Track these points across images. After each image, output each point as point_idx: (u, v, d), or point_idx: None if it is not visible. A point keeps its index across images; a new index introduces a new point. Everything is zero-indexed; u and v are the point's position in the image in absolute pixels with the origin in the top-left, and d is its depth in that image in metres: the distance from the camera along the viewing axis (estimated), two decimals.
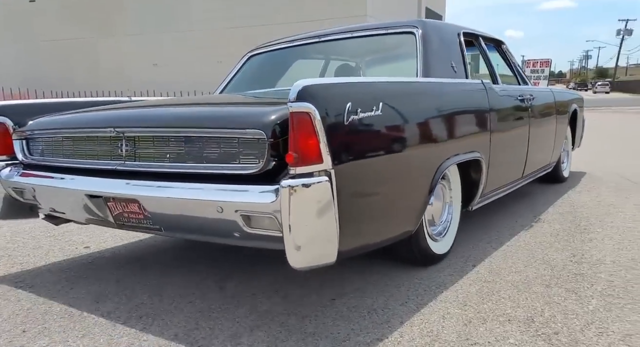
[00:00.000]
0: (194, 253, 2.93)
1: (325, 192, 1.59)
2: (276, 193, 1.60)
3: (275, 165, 1.70)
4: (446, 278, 2.37)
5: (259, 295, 2.24)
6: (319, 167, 1.59)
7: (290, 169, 1.60)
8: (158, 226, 2.04)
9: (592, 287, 2.21)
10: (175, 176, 1.92)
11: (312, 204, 1.59)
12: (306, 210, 1.59)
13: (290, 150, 1.59)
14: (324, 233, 1.66)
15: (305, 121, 1.57)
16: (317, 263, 1.71)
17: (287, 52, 3.49)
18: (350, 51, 3.48)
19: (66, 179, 2.23)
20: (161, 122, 2.08)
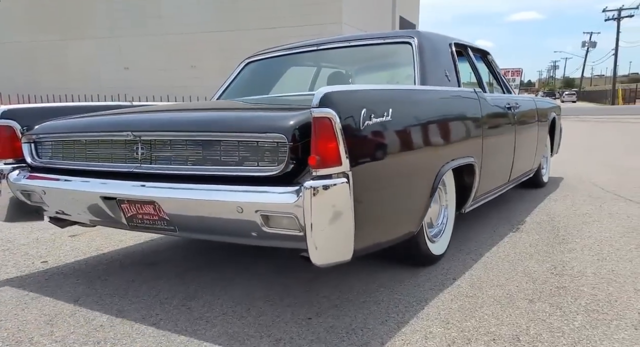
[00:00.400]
0: (159, 269, 2.76)
1: (344, 193, 1.70)
2: (297, 194, 1.69)
3: (293, 168, 1.79)
4: (427, 293, 2.27)
5: (229, 314, 2.09)
6: (338, 169, 1.69)
7: (312, 171, 1.69)
8: (173, 227, 2.08)
9: (576, 302, 2.14)
10: (192, 178, 1.99)
11: (332, 204, 1.68)
12: (327, 210, 1.68)
13: (313, 153, 1.68)
14: (342, 232, 1.75)
15: (327, 126, 1.67)
16: (336, 260, 1.81)
17: (285, 60, 3.53)
18: (347, 60, 3.53)
19: (78, 181, 2.27)
20: (181, 127, 2.10)
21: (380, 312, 2.08)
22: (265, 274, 2.59)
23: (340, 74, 3.54)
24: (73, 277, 2.63)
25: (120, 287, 2.45)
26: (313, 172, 1.69)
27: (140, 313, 2.13)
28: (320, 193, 1.65)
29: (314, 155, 1.68)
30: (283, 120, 1.84)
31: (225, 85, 3.64)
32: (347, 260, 1.81)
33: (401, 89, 2.44)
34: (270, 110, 2.32)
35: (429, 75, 2.76)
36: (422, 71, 2.76)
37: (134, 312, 2.13)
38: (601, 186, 5.07)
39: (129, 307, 2.19)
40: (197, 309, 2.16)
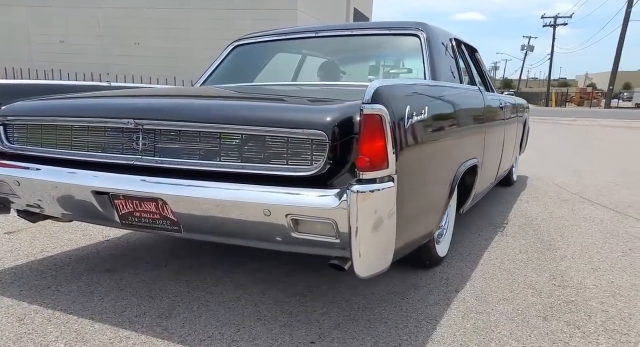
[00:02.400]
0: (122, 277, 2.39)
1: (391, 197, 1.57)
2: (339, 198, 1.52)
3: (330, 169, 1.61)
4: (433, 309, 2.07)
5: (216, 338, 1.79)
6: (385, 172, 1.54)
7: (358, 173, 1.53)
8: (177, 227, 1.86)
9: (590, 320, 2.01)
10: (205, 175, 1.77)
11: (378, 209, 1.54)
12: (373, 215, 1.53)
13: (361, 154, 1.52)
14: (386, 238, 1.62)
15: (377, 124, 1.52)
16: (379, 270, 1.66)
17: (278, 46, 3.25)
18: (348, 49, 3.23)
19: (64, 172, 1.98)
20: (198, 116, 1.82)
21: (390, 333, 1.86)
22: (248, 285, 2.29)
23: (338, 64, 3.29)
24: (14, 288, 2.21)
25: (76, 301, 2.07)
26: (361, 174, 1.52)
27: (106, 336, 1.78)
28: (368, 198, 1.50)
29: (363, 157, 1.52)
30: (322, 116, 1.61)
31: (211, 69, 3.29)
32: (386, 269, 1.68)
33: (436, 85, 2.34)
34: (305, 103, 2.02)
35: (438, 71, 2.62)
36: (431, 66, 2.61)
37: (98, 335, 1.78)
38: (564, 187, 5.12)
39: (90, 328, 1.83)
40: (175, 331, 1.84)
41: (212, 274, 2.42)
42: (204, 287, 2.26)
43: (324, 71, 3.13)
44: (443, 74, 2.65)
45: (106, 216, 1.99)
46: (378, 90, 1.53)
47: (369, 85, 1.54)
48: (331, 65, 3.22)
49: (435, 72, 2.61)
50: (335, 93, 2.33)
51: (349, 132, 1.61)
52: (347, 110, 1.64)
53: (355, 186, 1.49)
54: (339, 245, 1.61)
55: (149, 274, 2.40)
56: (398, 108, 1.64)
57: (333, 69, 3.18)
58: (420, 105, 1.85)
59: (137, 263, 2.57)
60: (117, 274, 2.40)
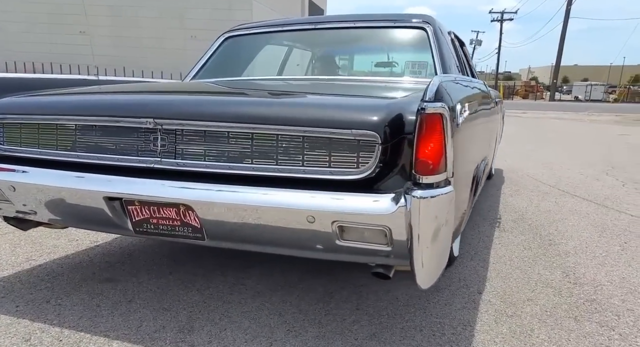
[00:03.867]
0: (126, 287, 2.17)
1: (451, 203, 1.46)
2: (396, 203, 1.40)
3: (380, 172, 1.48)
4: (463, 313, 1.98)
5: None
6: (443, 176, 1.43)
7: (419, 177, 1.40)
8: (200, 235, 1.68)
9: (620, 320, 1.98)
10: (233, 178, 1.61)
11: (440, 216, 1.42)
12: (436, 223, 1.41)
13: (422, 156, 1.40)
14: (444, 245, 1.51)
15: (439, 124, 1.40)
16: (436, 279, 1.55)
17: (273, 38, 3.04)
18: (349, 42, 3.02)
19: (69, 176, 1.77)
20: (229, 116, 1.62)
21: (429, 342, 1.75)
22: (265, 292, 2.13)
23: (343, 59, 3.14)
24: (8, 303, 1.96)
25: (83, 317, 1.86)
26: (421, 178, 1.40)
27: None
28: (431, 204, 1.38)
29: (425, 160, 1.39)
30: (374, 115, 1.47)
31: (202, 62, 3.05)
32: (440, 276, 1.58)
33: (473, 82, 2.35)
34: (352, 101, 1.84)
35: (447, 65, 2.51)
36: (441, 60, 2.51)
37: None
38: (540, 180, 5.19)
39: None
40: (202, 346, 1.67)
41: (224, 281, 2.25)
42: (219, 295, 2.09)
43: (329, 65, 2.98)
44: (451, 68, 2.56)
45: (117, 223, 1.78)
46: (440, 87, 1.41)
47: (431, 82, 1.41)
48: (335, 60, 3.07)
49: (445, 66, 2.51)
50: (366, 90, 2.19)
51: (403, 132, 1.47)
52: (400, 108, 1.50)
53: (417, 191, 1.36)
54: (391, 253, 1.48)
55: (155, 283, 2.20)
56: (454, 107, 1.54)
57: (339, 63, 3.03)
58: (463, 102, 1.76)
59: (138, 271, 2.35)
60: (120, 284, 2.18)
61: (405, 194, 1.39)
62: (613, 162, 6.72)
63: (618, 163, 6.60)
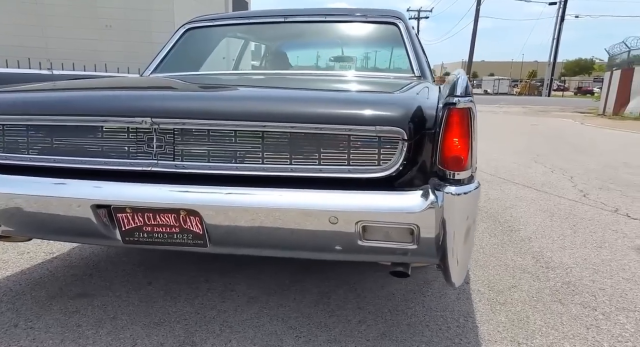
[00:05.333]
0: (104, 303, 1.96)
1: (478, 198, 1.40)
2: (426, 201, 1.34)
3: (405, 169, 1.43)
4: (460, 304, 2.00)
5: None
6: (470, 172, 1.39)
7: (450, 173, 1.37)
8: (202, 241, 1.53)
9: (597, 299, 2.10)
10: (241, 180, 1.49)
11: (471, 212, 1.38)
12: (468, 220, 1.37)
13: (454, 152, 1.37)
14: (471, 241, 1.46)
15: (468, 120, 1.37)
16: (465, 276, 1.54)
17: (239, 30, 2.91)
18: (319, 36, 2.87)
19: (46, 183, 1.54)
20: (236, 114, 1.49)
21: (439, 337, 1.74)
22: (259, 296, 2.02)
23: (312, 53, 3.02)
24: None
25: (66, 339, 1.65)
26: (452, 175, 1.37)
27: None
28: (465, 199, 1.34)
29: (457, 155, 1.36)
30: (399, 110, 1.42)
31: (162, 55, 2.80)
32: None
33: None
34: (374, 96, 1.75)
35: (421, 61, 2.51)
36: (416, 56, 2.51)
37: None
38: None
39: None
40: None
41: (211, 288, 2.10)
42: (211, 304, 1.94)
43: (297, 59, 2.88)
44: (424, 64, 2.56)
45: (102, 233, 1.58)
46: (467, 82, 1.38)
47: (459, 76, 1.39)
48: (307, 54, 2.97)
49: (419, 61, 2.51)
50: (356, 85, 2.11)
51: (428, 128, 1.42)
52: (425, 103, 1.46)
53: (451, 187, 1.33)
54: (415, 251, 1.44)
55: (135, 296, 2.00)
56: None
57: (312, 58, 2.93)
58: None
59: (112, 284, 2.13)
60: (97, 300, 1.96)
61: (436, 191, 1.35)
62: (536, 150, 7.21)
63: (541, 152, 7.09)
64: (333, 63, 2.91)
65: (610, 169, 5.77)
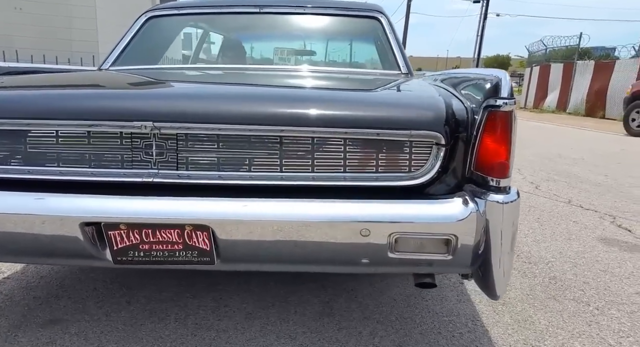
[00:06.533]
0: (82, 328, 1.72)
1: (519, 206, 1.31)
2: (466, 209, 1.26)
3: (442, 176, 1.36)
4: (463, 307, 1.96)
5: None
6: (510, 179, 1.32)
7: (494, 181, 1.29)
8: (209, 258, 1.35)
9: (586, 294, 2.14)
10: (255, 190, 1.34)
11: (515, 221, 1.30)
12: (513, 228, 1.30)
13: (499, 158, 1.28)
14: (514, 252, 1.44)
15: (510, 123, 1.28)
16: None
17: (209, 20, 2.69)
18: (300, 29, 2.70)
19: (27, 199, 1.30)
20: (257, 118, 1.32)
21: (454, 344, 1.68)
22: (257, 312, 1.86)
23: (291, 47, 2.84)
24: None
25: None
26: (496, 182, 1.29)
27: None
28: (510, 208, 1.27)
29: (503, 161, 1.28)
30: (435, 113, 1.32)
31: (122, 46, 2.50)
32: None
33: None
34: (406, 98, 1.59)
35: (405, 58, 2.43)
36: (400, 51, 2.43)
37: None
38: None
39: None
40: None
41: (200, 304, 1.91)
42: (206, 324, 1.76)
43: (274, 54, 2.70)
44: (407, 59, 2.49)
45: (89, 254, 1.36)
46: (510, 82, 1.30)
47: (500, 78, 1.30)
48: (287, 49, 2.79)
49: (404, 56, 2.44)
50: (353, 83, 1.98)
51: (464, 132, 1.34)
52: (458, 105, 1.38)
53: (496, 196, 1.26)
54: (450, 262, 1.35)
55: (117, 319, 1.77)
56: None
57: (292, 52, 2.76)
58: None
59: (85, 306, 1.87)
60: (72, 326, 1.71)
61: (476, 198, 1.27)
62: None
63: None
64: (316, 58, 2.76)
65: (548, 160, 6.09)
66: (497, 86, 1.28)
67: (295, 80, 1.95)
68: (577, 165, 5.78)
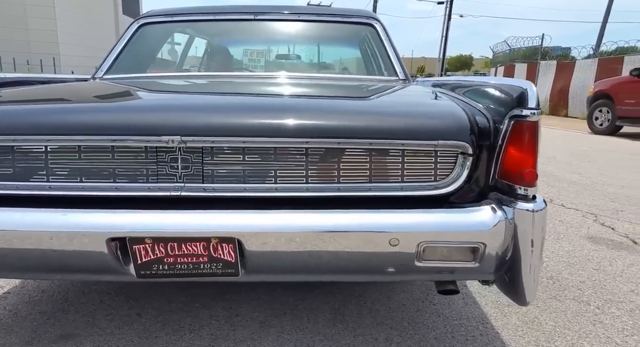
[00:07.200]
0: (98, 343, 1.66)
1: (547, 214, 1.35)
2: (495, 217, 1.28)
3: (469, 185, 1.36)
4: (471, 310, 1.98)
5: None
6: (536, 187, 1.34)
7: (522, 189, 1.32)
8: (233, 270, 1.33)
9: (585, 293, 2.20)
10: (281, 202, 1.32)
11: (544, 228, 1.33)
12: (542, 236, 1.32)
13: (528, 166, 1.31)
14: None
15: (537, 132, 1.32)
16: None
17: (203, 28, 2.64)
18: (295, 36, 2.66)
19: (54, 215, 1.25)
20: (283, 130, 1.30)
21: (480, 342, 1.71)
22: (270, 320, 1.83)
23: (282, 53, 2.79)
24: None
25: None
26: (525, 190, 1.32)
27: None
28: (541, 215, 1.30)
29: (531, 170, 1.31)
30: (461, 122, 1.33)
31: (115, 54, 2.42)
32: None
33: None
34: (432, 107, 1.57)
35: (402, 64, 2.46)
36: (397, 59, 2.43)
37: None
38: None
39: None
40: None
41: (212, 314, 1.87)
42: (222, 334, 1.72)
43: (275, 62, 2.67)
44: (404, 66, 2.52)
45: (112, 268, 1.33)
46: (537, 92, 1.32)
47: (527, 88, 1.32)
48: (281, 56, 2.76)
49: (400, 62, 2.46)
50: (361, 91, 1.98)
51: (489, 141, 1.36)
52: (481, 114, 1.39)
53: (525, 204, 1.29)
54: (476, 269, 1.36)
55: (130, 331, 1.72)
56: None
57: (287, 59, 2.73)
58: None
59: (94, 318, 1.81)
60: (86, 340, 1.65)
61: (504, 207, 1.30)
62: None
63: None
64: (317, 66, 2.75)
65: None
66: (525, 96, 1.30)
67: (305, 89, 1.93)
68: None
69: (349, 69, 2.82)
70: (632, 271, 2.47)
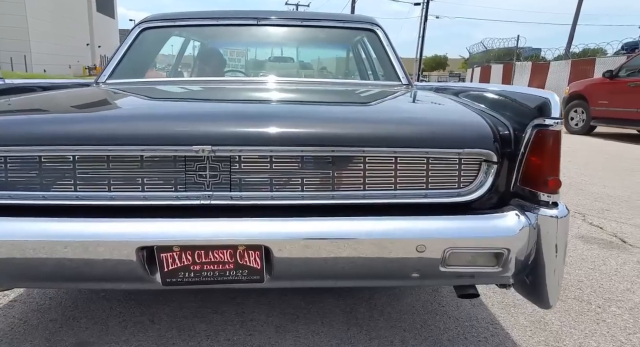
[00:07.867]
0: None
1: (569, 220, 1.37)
2: (520, 223, 1.30)
3: (493, 192, 1.38)
4: (480, 311, 2.01)
5: None
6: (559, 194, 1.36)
7: (546, 196, 1.33)
8: (259, 277, 1.33)
9: (585, 292, 2.25)
10: (306, 209, 1.32)
11: (567, 232, 1.36)
12: (565, 241, 1.35)
13: (552, 174, 1.33)
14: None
15: (560, 141, 1.34)
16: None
17: (206, 33, 2.62)
18: (297, 40, 2.65)
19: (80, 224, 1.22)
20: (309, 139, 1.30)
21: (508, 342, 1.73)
22: (286, 325, 1.82)
23: (287, 58, 2.77)
24: None
25: None
26: (549, 197, 1.33)
27: None
28: (564, 222, 1.32)
29: (555, 177, 1.33)
30: (485, 130, 1.36)
31: (118, 58, 2.37)
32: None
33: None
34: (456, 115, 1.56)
35: (404, 69, 2.47)
36: (399, 63, 2.46)
37: None
38: None
39: None
40: None
41: (225, 319, 1.85)
42: (239, 339, 1.71)
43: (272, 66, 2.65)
44: (405, 71, 2.53)
45: (138, 276, 1.30)
46: (559, 102, 1.34)
47: (549, 97, 1.34)
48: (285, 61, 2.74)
49: (402, 68, 2.48)
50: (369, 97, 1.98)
51: (512, 148, 1.38)
52: (503, 123, 1.41)
53: (549, 210, 1.32)
54: (497, 274, 1.38)
55: (145, 338, 1.69)
56: None
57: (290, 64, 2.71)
58: None
59: (106, 326, 1.77)
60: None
61: (527, 213, 1.32)
62: None
63: None
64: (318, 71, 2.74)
65: None
66: (548, 106, 1.32)
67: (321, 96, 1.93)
68: None
69: (353, 74, 2.83)
70: (625, 270, 2.54)
